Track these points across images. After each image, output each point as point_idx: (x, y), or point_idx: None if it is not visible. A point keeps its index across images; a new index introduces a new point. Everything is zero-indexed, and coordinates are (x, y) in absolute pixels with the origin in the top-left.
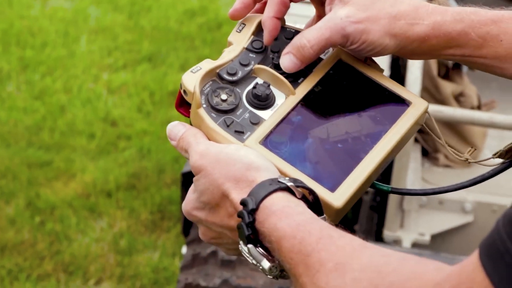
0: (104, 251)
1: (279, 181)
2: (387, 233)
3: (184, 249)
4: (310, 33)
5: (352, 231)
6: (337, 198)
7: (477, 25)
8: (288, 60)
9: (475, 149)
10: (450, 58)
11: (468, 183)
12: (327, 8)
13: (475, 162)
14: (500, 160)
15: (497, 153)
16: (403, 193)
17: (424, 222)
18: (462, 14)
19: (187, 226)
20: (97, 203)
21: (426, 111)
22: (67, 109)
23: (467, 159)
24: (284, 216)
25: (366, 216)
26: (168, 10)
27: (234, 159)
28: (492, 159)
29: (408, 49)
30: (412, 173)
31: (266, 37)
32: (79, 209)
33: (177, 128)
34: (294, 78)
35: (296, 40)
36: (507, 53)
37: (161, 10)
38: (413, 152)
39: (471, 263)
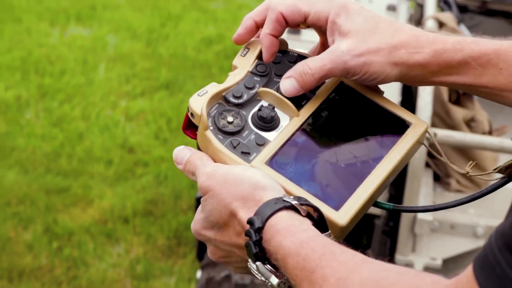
0: (121, 277)
1: (284, 200)
2: (399, 257)
3: (198, 274)
4: (313, 62)
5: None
6: (342, 216)
7: (477, 54)
8: (289, 83)
9: (476, 163)
10: (451, 85)
11: (467, 199)
12: (329, 39)
13: (476, 175)
14: (500, 175)
15: (497, 168)
16: (405, 210)
17: (435, 247)
18: (462, 43)
19: (202, 250)
20: (114, 229)
21: (426, 131)
22: (85, 136)
23: (467, 172)
24: (289, 234)
25: (379, 240)
26: (185, 38)
27: (241, 179)
28: (492, 174)
29: (410, 75)
30: (424, 198)
31: (264, 53)
32: (97, 235)
33: (183, 152)
34: (298, 100)
35: (299, 66)
36: (507, 81)
37: (179, 38)
38: (425, 177)
39: (466, 275)
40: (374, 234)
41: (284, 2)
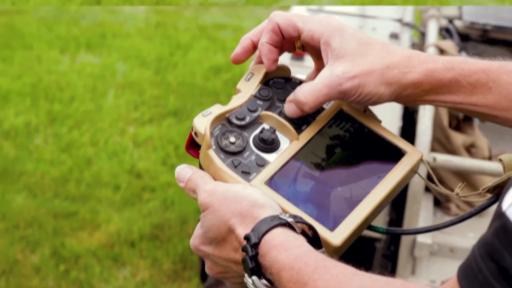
0: None
1: (280, 218)
2: None
3: None
4: (309, 87)
5: None
6: (336, 236)
7: (467, 73)
8: (290, 108)
9: (465, 184)
10: (443, 104)
11: (457, 220)
12: (324, 60)
13: (465, 196)
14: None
15: (485, 188)
16: (398, 233)
17: (435, 270)
18: (452, 62)
19: (205, 271)
20: (121, 253)
21: (420, 160)
22: (94, 161)
23: (457, 194)
24: (283, 249)
25: (379, 264)
26: (194, 66)
27: (241, 196)
28: (484, 195)
29: (403, 95)
30: (424, 222)
31: (264, 61)
32: (103, 258)
33: (185, 171)
34: (298, 125)
35: (297, 91)
36: (495, 100)
37: (187, 66)
38: (425, 201)
39: (451, 283)
40: (375, 258)
41: (282, 15)
